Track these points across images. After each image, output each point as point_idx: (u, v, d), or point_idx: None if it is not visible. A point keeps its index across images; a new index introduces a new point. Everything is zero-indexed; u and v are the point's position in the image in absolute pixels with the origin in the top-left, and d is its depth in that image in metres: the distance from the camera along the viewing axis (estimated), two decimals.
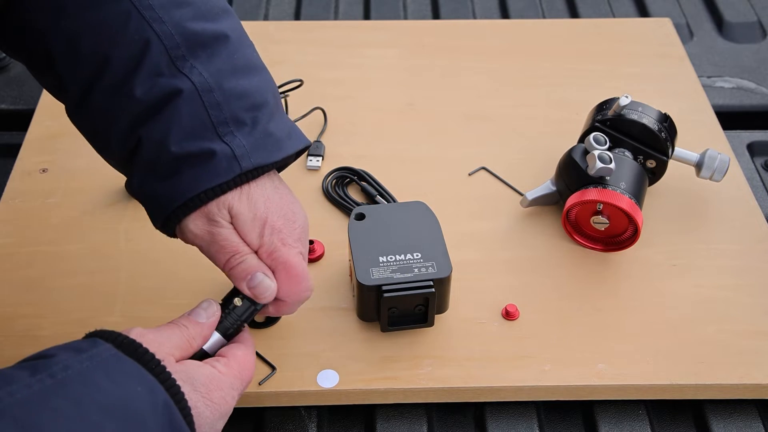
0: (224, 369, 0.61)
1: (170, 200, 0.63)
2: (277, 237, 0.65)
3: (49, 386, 0.50)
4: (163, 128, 0.62)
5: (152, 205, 0.66)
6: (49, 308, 0.79)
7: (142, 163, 0.64)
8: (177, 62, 0.62)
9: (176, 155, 0.62)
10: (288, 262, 0.65)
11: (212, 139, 0.63)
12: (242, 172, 0.63)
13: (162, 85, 0.62)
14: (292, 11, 1.23)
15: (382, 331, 0.76)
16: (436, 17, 1.23)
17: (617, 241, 0.84)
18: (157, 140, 0.62)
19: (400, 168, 0.93)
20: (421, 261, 0.74)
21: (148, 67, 0.62)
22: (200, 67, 0.63)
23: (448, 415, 0.75)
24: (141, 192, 0.66)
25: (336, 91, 1.02)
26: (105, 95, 0.63)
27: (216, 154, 0.62)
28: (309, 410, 0.75)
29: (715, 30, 1.20)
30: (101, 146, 0.67)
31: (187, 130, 0.62)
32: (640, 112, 0.86)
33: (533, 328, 0.78)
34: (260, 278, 0.65)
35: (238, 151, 0.63)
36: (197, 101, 0.62)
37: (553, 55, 1.09)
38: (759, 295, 0.81)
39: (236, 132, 0.63)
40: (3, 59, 1.11)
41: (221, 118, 0.63)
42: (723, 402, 0.75)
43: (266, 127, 0.65)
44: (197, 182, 0.63)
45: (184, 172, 0.63)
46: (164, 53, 0.62)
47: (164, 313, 0.78)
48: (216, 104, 0.63)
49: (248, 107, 0.64)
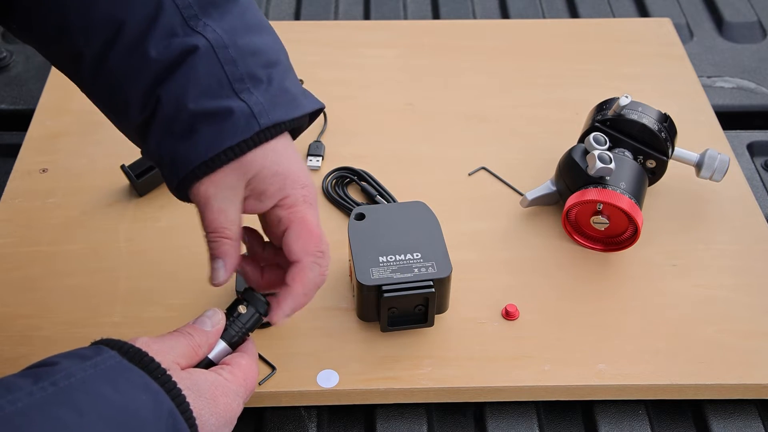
0: (229, 376, 0.61)
1: (189, 159, 0.62)
2: (300, 192, 0.64)
3: (51, 394, 0.50)
4: (180, 85, 0.62)
5: (170, 166, 0.64)
6: (48, 308, 0.79)
7: (160, 123, 0.63)
8: (190, 21, 0.62)
9: (194, 112, 0.61)
10: (305, 218, 0.64)
11: (229, 96, 0.62)
12: (261, 129, 0.62)
13: (177, 44, 0.62)
14: (292, 11, 1.23)
15: (382, 331, 0.76)
16: (436, 17, 1.23)
17: (617, 241, 0.84)
18: (175, 98, 0.62)
19: (400, 168, 0.93)
20: (421, 261, 0.74)
21: (163, 28, 0.62)
22: (213, 25, 0.63)
23: (448, 415, 0.75)
24: (158, 153, 0.64)
25: (336, 91, 1.02)
26: (120, 59, 0.62)
27: (234, 111, 0.62)
28: (309, 410, 0.75)
29: (715, 30, 1.20)
30: (118, 112, 0.66)
31: (204, 87, 0.62)
32: (640, 112, 0.86)
33: (533, 328, 0.78)
34: (218, 265, 0.64)
35: (256, 108, 0.62)
36: (213, 57, 0.62)
37: (553, 55, 1.09)
38: (759, 295, 0.81)
39: (253, 89, 0.63)
40: (3, 59, 1.10)
41: (237, 75, 0.62)
42: (723, 402, 0.75)
43: (282, 84, 0.64)
44: (217, 141, 0.61)
45: (203, 130, 0.62)
46: (177, 13, 0.62)
47: (164, 313, 0.78)
48: (231, 60, 0.62)
49: (263, 64, 0.64)
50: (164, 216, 0.87)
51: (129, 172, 0.88)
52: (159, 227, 0.86)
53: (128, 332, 0.62)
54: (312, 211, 0.65)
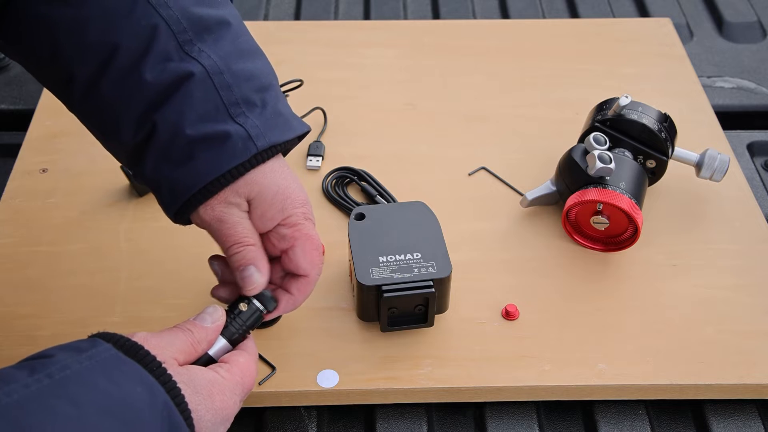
0: (227, 374, 0.61)
1: (188, 186, 0.63)
2: (300, 210, 0.66)
3: (46, 386, 0.50)
4: (177, 112, 0.62)
5: (167, 192, 0.65)
6: (48, 308, 0.79)
7: (156, 148, 0.63)
8: (185, 46, 0.63)
9: (191, 138, 0.62)
10: (309, 234, 0.67)
11: (226, 121, 0.63)
12: (258, 152, 0.64)
13: (172, 69, 0.62)
14: (292, 11, 1.23)
15: (382, 331, 0.76)
16: (436, 17, 1.23)
17: (617, 241, 0.84)
18: (172, 124, 0.62)
19: (400, 168, 0.93)
20: (421, 261, 0.74)
21: (158, 53, 0.62)
22: (208, 50, 0.63)
23: (448, 415, 0.75)
24: (155, 178, 0.65)
25: (336, 91, 1.03)
26: (114, 83, 0.63)
27: (231, 135, 0.63)
28: (309, 410, 0.75)
29: (715, 30, 1.20)
30: (110, 135, 0.67)
31: (201, 112, 0.63)
32: (640, 112, 0.86)
33: (533, 328, 0.78)
34: (251, 271, 0.65)
35: (253, 131, 0.63)
36: (208, 83, 0.63)
37: (553, 55, 1.09)
38: (759, 295, 0.81)
39: (248, 113, 0.64)
40: (3, 59, 1.11)
41: (233, 100, 0.63)
42: (723, 402, 0.75)
43: (275, 108, 0.66)
44: (215, 165, 0.63)
45: (201, 155, 0.63)
46: (172, 38, 0.62)
47: (164, 313, 0.78)
48: (227, 86, 0.63)
49: (257, 88, 0.65)
50: (164, 216, 0.87)
51: (129, 172, 0.88)
52: (159, 227, 0.86)
53: (128, 332, 0.62)
54: (312, 226, 0.68)
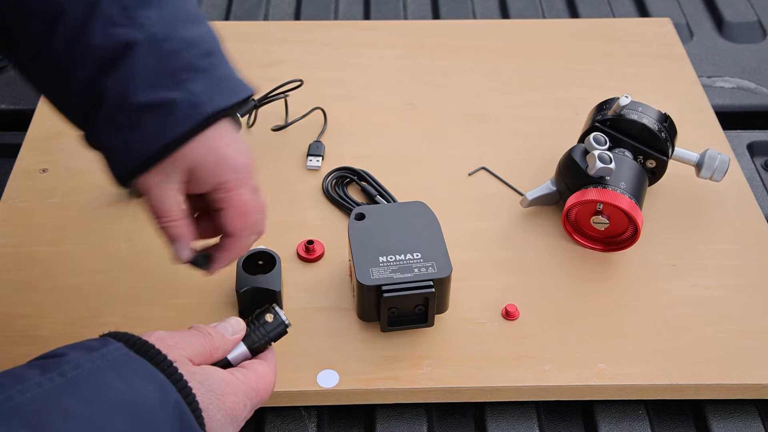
0: (242, 377, 0.61)
1: (137, 152, 0.63)
2: (233, 176, 0.66)
3: (59, 385, 0.50)
4: (124, 78, 0.62)
5: (116, 156, 0.65)
6: (49, 308, 0.79)
7: (105, 114, 0.64)
8: (129, 11, 0.63)
9: (139, 105, 0.62)
10: (242, 200, 0.66)
11: (171, 88, 0.63)
12: (204, 118, 0.64)
13: (119, 35, 0.62)
14: (292, 11, 1.23)
15: (382, 331, 0.76)
16: (436, 17, 1.23)
17: (617, 241, 0.84)
18: (119, 90, 0.63)
19: (400, 168, 0.93)
20: (421, 261, 0.74)
21: (103, 16, 0.62)
22: (153, 17, 0.64)
23: (448, 415, 0.75)
24: (104, 143, 0.66)
25: (336, 91, 1.03)
26: (62, 46, 0.63)
27: (177, 102, 0.63)
28: (309, 410, 0.75)
29: (715, 30, 1.20)
30: (59, 99, 0.67)
31: (147, 79, 0.63)
32: (640, 112, 0.86)
33: (533, 328, 0.78)
34: (176, 246, 0.67)
35: (198, 97, 0.64)
36: (153, 50, 0.63)
37: (553, 55, 1.09)
38: (759, 295, 0.81)
39: (193, 79, 0.64)
40: (2, 60, 1.11)
41: (177, 66, 0.63)
42: (723, 402, 0.75)
43: (220, 73, 0.66)
44: (163, 132, 0.63)
45: (149, 123, 0.63)
46: (116, 2, 0.63)
47: (164, 313, 0.78)
48: (172, 52, 0.63)
49: (201, 54, 0.65)
50: None
51: None
52: None
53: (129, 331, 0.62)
54: (246, 190, 0.67)
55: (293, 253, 0.84)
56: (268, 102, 0.96)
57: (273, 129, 0.97)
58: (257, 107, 0.95)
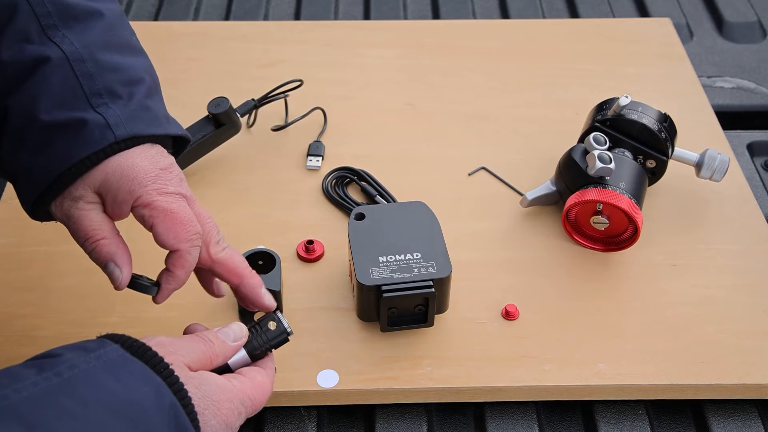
0: (238, 385, 0.60)
1: (43, 175, 0.61)
2: (151, 187, 0.62)
3: (55, 385, 0.50)
4: (30, 97, 0.60)
5: (23, 183, 0.62)
6: (48, 308, 0.79)
7: (11, 136, 0.61)
8: (47, 31, 0.61)
9: (47, 124, 0.60)
10: (167, 209, 0.62)
11: (84, 109, 0.61)
12: (116, 141, 0.61)
13: (30, 52, 0.60)
14: (292, 11, 1.23)
15: (382, 331, 0.76)
16: (436, 17, 1.23)
17: (617, 241, 0.84)
18: (26, 109, 0.60)
19: (400, 168, 0.93)
20: (421, 261, 0.74)
21: (15, 32, 0.60)
22: (72, 38, 0.62)
23: (448, 415, 0.75)
24: (11, 168, 0.63)
25: (336, 91, 1.03)
26: None
27: (87, 122, 0.60)
28: (309, 410, 0.75)
29: (715, 30, 1.20)
30: None
31: (58, 99, 0.61)
32: (640, 112, 0.86)
33: (533, 328, 0.78)
34: (111, 268, 0.63)
35: (112, 120, 0.61)
36: (68, 70, 0.61)
37: (553, 55, 1.09)
38: (759, 295, 0.81)
39: (111, 104, 0.62)
40: None
41: (94, 89, 0.61)
42: (723, 402, 0.75)
43: (144, 102, 0.63)
44: (70, 153, 0.60)
45: (56, 143, 0.60)
46: (34, 19, 0.61)
47: (164, 313, 0.78)
48: (88, 74, 0.62)
49: (124, 81, 0.63)
50: None
51: None
52: None
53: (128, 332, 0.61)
54: (172, 199, 0.62)
55: (293, 253, 0.84)
56: (268, 102, 0.96)
57: (273, 129, 0.97)
58: (257, 107, 0.95)
